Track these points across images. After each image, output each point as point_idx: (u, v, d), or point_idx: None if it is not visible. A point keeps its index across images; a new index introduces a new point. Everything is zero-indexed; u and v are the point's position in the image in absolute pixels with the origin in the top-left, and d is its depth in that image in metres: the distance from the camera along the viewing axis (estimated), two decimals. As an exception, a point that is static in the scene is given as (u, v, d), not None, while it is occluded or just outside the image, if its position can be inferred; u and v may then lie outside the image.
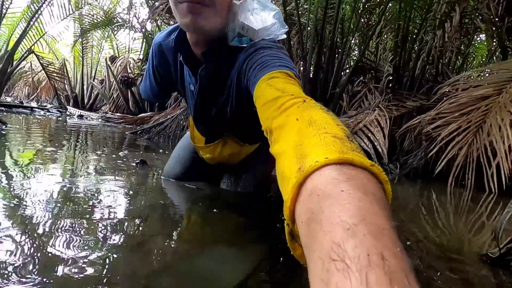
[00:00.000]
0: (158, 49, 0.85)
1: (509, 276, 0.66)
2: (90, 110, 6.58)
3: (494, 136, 1.77)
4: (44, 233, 0.60)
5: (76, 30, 6.41)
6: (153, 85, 0.94)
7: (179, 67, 0.84)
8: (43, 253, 0.53)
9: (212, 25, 0.66)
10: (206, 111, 0.87)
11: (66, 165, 1.26)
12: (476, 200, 1.55)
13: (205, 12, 0.63)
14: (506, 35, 2.65)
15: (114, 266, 0.52)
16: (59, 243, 0.57)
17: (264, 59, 0.62)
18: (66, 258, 0.52)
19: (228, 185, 1.12)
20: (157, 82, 0.92)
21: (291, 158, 0.31)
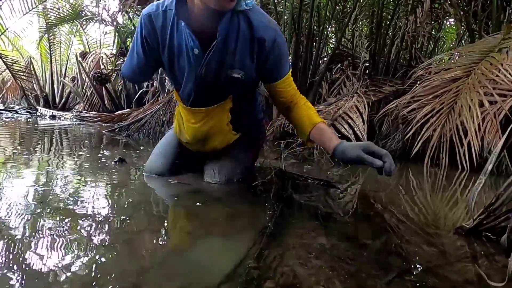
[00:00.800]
0: (147, 19, 0.91)
1: (482, 245, 0.71)
2: (63, 110, 6.28)
3: (465, 116, 1.86)
4: (24, 237, 0.58)
5: (41, 25, 6.03)
6: (140, 57, 0.97)
7: (175, 35, 0.90)
8: (24, 257, 0.50)
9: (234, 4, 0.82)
10: (214, 73, 0.94)
11: (40, 168, 1.21)
12: (451, 177, 1.64)
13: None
14: (473, 19, 2.77)
15: (101, 266, 0.51)
16: (41, 247, 0.55)
17: (283, 58, 0.97)
18: (49, 261, 0.50)
19: (212, 175, 1.10)
20: (145, 53, 0.96)
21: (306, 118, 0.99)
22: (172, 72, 1.00)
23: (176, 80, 1.03)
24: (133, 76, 1.05)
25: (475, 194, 0.70)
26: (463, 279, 0.54)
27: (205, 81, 0.96)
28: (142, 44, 0.95)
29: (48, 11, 5.62)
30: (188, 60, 0.93)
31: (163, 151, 1.21)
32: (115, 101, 5.31)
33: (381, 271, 0.54)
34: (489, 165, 0.72)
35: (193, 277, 0.49)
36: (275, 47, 0.92)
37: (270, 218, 0.76)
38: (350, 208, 0.98)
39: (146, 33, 0.93)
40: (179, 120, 1.15)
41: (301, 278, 0.50)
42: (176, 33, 0.90)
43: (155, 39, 0.93)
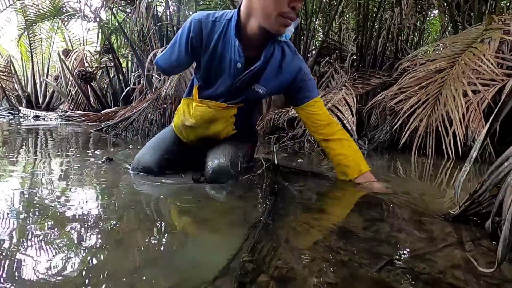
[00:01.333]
0: (198, 23, 1.01)
1: (468, 230, 0.73)
2: (47, 110, 6.11)
3: (449, 106, 1.90)
4: (12, 240, 0.56)
5: (20, 22, 5.81)
6: (181, 54, 1.06)
7: (220, 44, 1.02)
8: (14, 261, 0.49)
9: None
10: (244, 85, 1.07)
11: (26, 171, 1.18)
12: (437, 166, 1.68)
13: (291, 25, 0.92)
14: (456, 10, 2.82)
15: (93, 267, 0.50)
16: (31, 250, 0.54)
17: (311, 84, 1.12)
18: (40, 263, 0.49)
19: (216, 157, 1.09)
20: (186, 50, 1.05)
21: (352, 159, 1.12)
22: (207, 74, 1.09)
23: (207, 80, 1.11)
24: (168, 69, 1.14)
25: (461, 181, 0.72)
26: (451, 264, 0.56)
27: (234, 89, 1.08)
28: (186, 42, 1.03)
29: (27, 8, 5.42)
30: (228, 70, 1.04)
31: (155, 145, 1.21)
32: (101, 99, 5.20)
33: (372, 260, 0.55)
34: (474, 153, 0.74)
35: (188, 274, 0.49)
36: (301, 74, 1.09)
37: (262, 212, 0.77)
38: (340, 199, 1.00)
39: (193, 35, 1.02)
40: (184, 109, 1.19)
41: (294, 270, 0.51)
42: (220, 42, 1.01)
43: (200, 42, 1.03)
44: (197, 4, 3.73)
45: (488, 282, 0.50)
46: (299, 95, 1.12)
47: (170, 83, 2.82)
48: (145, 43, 3.98)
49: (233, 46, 0.99)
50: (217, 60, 1.04)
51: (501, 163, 0.68)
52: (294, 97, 1.14)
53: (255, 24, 0.95)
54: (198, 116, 1.13)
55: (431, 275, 0.51)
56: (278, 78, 1.08)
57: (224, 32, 1.00)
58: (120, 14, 4.48)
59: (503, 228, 0.57)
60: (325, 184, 1.13)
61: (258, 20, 0.93)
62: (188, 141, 1.24)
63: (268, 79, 1.07)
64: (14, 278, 0.46)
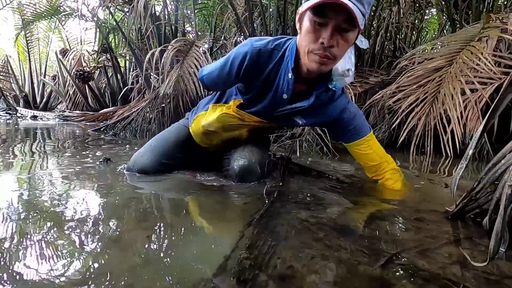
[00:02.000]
0: (256, 53, 0.96)
1: (466, 228, 0.74)
2: (45, 110, 6.08)
3: (447, 104, 1.91)
4: (11, 241, 0.56)
5: (17, 22, 5.78)
6: (230, 77, 1.02)
7: (272, 72, 0.98)
8: (13, 261, 0.49)
9: (328, 70, 0.90)
10: (284, 115, 1.05)
11: (24, 170, 1.17)
12: (436, 164, 1.69)
13: (328, 64, 0.85)
14: (454, 9, 2.82)
15: (91, 266, 0.50)
16: (30, 250, 0.53)
17: (358, 124, 1.07)
18: (39, 265, 0.49)
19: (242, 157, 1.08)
20: (236, 76, 1.00)
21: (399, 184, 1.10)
22: (252, 95, 1.05)
23: (249, 100, 1.07)
24: (213, 88, 1.13)
25: (457, 179, 0.72)
26: (449, 261, 0.56)
27: (273, 116, 1.07)
28: (238, 69, 0.99)
29: (24, 7, 5.38)
30: (272, 98, 1.01)
31: (154, 147, 1.18)
32: (99, 99, 5.18)
33: (371, 258, 0.55)
34: (470, 150, 0.74)
35: (186, 273, 0.49)
36: (346, 114, 1.05)
37: (263, 210, 0.77)
38: (341, 197, 1.00)
39: (248, 64, 0.97)
40: (210, 114, 1.13)
41: (294, 268, 0.51)
42: (272, 71, 0.98)
43: (253, 70, 0.99)
44: (194, 3, 3.72)
45: (487, 279, 0.50)
46: (345, 134, 1.09)
47: (169, 82, 2.81)
48: (143, 43, 3.96)
49: (284, 76, 0.96)
50: (265, 86, 1.01)
51: (498, 160, 0.69)
52: (340, 135, 1.11)
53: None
54: (227, 123, 1.10)
55: (430, 272, 0.51)
56: (320, 115, 1.06)
57: (279, 61, 0.97)
58: (117, 13, 4.46)
59: (495, 223, 0.58)
60: (325, 181, 1.13)
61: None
62: (209, 145, 1.21)
63: (311, 114, 1.05)
64: (12, 278, 0.46)
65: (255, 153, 1.11)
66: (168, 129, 1.29)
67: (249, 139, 1.18)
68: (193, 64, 2.85)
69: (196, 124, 1.18)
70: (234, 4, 3.14)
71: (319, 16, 0.77)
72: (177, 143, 1.21)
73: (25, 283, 0.45)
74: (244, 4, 3.11)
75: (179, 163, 1.20)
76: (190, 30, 4.41)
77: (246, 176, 1.05)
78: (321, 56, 0.82)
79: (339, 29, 0.78)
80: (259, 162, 1.09)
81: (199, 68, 2.83)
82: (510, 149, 0.68)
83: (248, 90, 1.05)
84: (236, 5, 3.28)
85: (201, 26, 4.40)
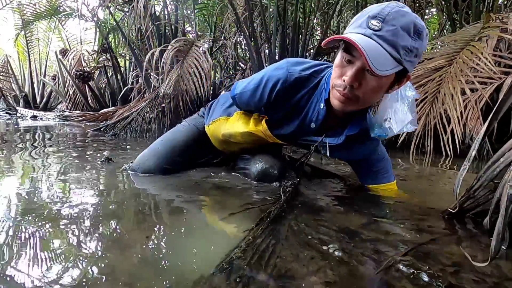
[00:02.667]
0: (293, 81, 0.92)
1: (467, 227, 0.74)
2: (45, 110, 6.08)
3: (447, 104, 1.91)
4: (10, 241, 0.56)
5: (17, 22, 5.77)
6: (261, 101, 0.98)
7: (304, 99, 0.94)
8: (11, 260, 0.49)
9: (352, 110, 0.84)
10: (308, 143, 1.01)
11: (24, 170, 1.17)
12: (436, 164, 1.69)
13: (349, 104, 0.80)
14: (454, 9, 2.82)
15: (90, 266, 0.50)
16: (29, 250, 0.53)
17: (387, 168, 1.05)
18: (38, 265, 0.49)
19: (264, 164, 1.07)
20: (268, 101, 0.96)
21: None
22: (278, 117, 1.01)
23: (274, 121, 1.02)
24: (244, 108, 1.08)
25: (460, 179, 0.72)
26: (450, 262, 0.56)
27: (298, 142, 1.04)
28: (270, 93, 0.95)
29: (24, 7, 5.38)
30: (300, 124, 0.97)
31: (162, 150, 1.15)
32: (99, 99, 5.18)
33: (371, 258, 0.55)
34: (473, 151, 0.74)
35: (186, 273, 0.49)
36: (375, 155, 1.02)
37: (266, 212, 0.76)
38: (343, 198, 1.00)
39: (281, 89, 0.93)
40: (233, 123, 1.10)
41: (293, 269, 0.50)
42: (306, 96, 0.94)
43: (285, 95, 0.95)
44: (194, 3, 3.72)
45: (488, 280, 0.50)
46: (368, 174, 1.05)
47: (169, 82, 2.81)
48: (143, 43, 3.96)
49: (316, 105, 0.92)
50: (295, 110, 0.97)
51: (497, 159, 0.69)
52: (363, 174, 1.07)
53: None
54: (251, 139, 1.08)
55: (431, 273, 0.51)
56: (348, 152, 1.01)
57: (313, 87, 0.92)
58: (117, 13, 4.46)
59: (496, 223, 0.58)
60: (325, 182, 1.13)
61: None
62: (225, 149, 1.20)
63: (337, 149, 0.98)
64: (11, 278, 0.45)
65: (271, 157, 1.11)
66: (177, 131, 1.24)
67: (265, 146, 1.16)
68: (193, 64, 2.85)
69: (215, 128, 1.15)
70: (234, 4, 3.14)
71: (347, 53, 0.73)
72: (186, 148, 1.18)
73: (24, 283, 0.45)
74: (244, 4, 3.10)
75: (185, 167, 1.19)
76: (190, 30, 4.41)
77: (265, 179, 1.06)
78: (341, 94, 0.78)
79: (367, 70, 0.72)
80: (277, 165, 1.09)
81: (199, 68, 2.83)
82: (509, 147, 0.68)
83: (275, 111, 1.00)
84: (236, 5, 3.28)
85: (201, 26, 4.40)
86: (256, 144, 1.13)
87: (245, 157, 1.17)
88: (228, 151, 1.22)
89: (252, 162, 1.12)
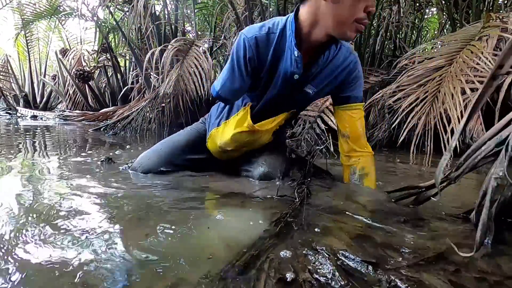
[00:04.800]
0: (254, 41, 0.95)
1: (452, 222, 0.73)
2: (45, 110, 6.08)
3: (448, 104, 1.91)
4: (9, 241, 0.56)
5: (16, 21, 5.77)
6: (244, 80, 0.99)
7: (278, 57, 0.97)
8: (11, 259, 0.49)
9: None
10: (295, 90, 1.03)
11: (23, 171, 1.17)
12: (436, 164, 1.68)
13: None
14: (454, 8, 2.82)
15: (89, 266, 0.50)
16: (29, 250, 0.53)
17: (360, 85, 1.07)
18: (38, 265, 0.49)
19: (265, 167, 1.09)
20: (248, 75, 0.99)
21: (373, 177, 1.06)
22: (261, 87, 1.03)
23: (258, 95, 1.05)
24: (234, 99, 1.07)
25: (441, 169, 0.72)
26: (437, 253, 0.56)
27: (286, 97, 1.05)
28: (245, 66, 0.97)
29: (24, 7, 5.38)
30: (282, 81, 1.00)
31: (164, 150, 1.17)
32: (99, 99, 5.18)
33: (371, 258, 0.55)
34: (453, 142, 0.75)
35: (186, 274, 0.49)
36: (355, 69, 1.05)
37: (275, 218, 0.76)
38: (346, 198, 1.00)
39: (250, 55, 0.95)
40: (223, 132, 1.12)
41: (295, 268, 0.51)
42: (275, 55, 0.96)
43: (258, 60, 0.97)
44: (194, 2, 3.72)
45: (489, 279, 0.50)
46: (347, 93, 1.07)
47: (169, 82, 2.81)
48: (143, 42, 3.96)
49: (289, 56, 0.95)
50: (271, 72, 0.99)
51: (477, 147, 0.69)
52: (341, 95, 1.08)
53: (322, 33, 0.91)
54: (243, 141, 1.09)
55: (428, 271, 0.51)
56: (330, 77, 1.03)
57: (278, 43, 0.96)
58: (117, 13, 4.46)
59: (481, 215, 0.59)
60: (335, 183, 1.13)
61: (327, 29, 0.89)
62: (229, 158, 1.20)
63: (321, 79, 1.03)
64: (9, 279, 0.46)
65: (274, 159, 1.12)
66: (179, 134, 1.27)
67: (267, 145, 1.18)
68: (193, 64, 2.85)
69: (212, 142, 1.17)
70: (234, 4, 3.14)
71: None
72: (187, 149, 1.20)
73: (24, 283, 0.45)
74: (244, 4, 3.10)
75: (186, 168, 1.20)
76: (190, 30, 4.41)
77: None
78: (365, 24, 0.87)
79: None
80: (280, 167, 1.10)
81: (199, 68, 2.83)
82: (490, 135, 0.68)
83: (257, 84, 1.03)
84: (236, 4, 3.28)
85: (201, 25, 4.40)
86: (255, 145, 1.14)
87: (249, 159, 1.16)
88: (230, 158, 1.21)
89: (255, 164, 1.12)
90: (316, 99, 1.14)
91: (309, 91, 1.04)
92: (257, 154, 1.16)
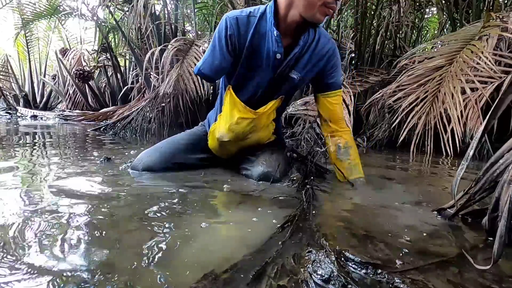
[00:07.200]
0: (234, 21, 1.03)
1: (466, 228, 0.74)
2: (45, 109, 6.07)
3: (448, 103, 1.91)
4: (8, 241, 0.56)
5: (16, 21, 5.76)
6: (225, 57, 1.05)
7: (255, 38, 1.04)
8: (13, 259, 0.49)
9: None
10: (281, 77, 1.10)
11: (22, 170, 1.17)
12: (436, 163, 1.69)
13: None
14: (454, 8, 2.82)
15: (89, 266, 0.50)
16: (28, 249, 0.53)
17: (339, 72, 1.15)
18: (39, 263, 0.49)
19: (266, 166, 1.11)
20: (229, 52, 1.05)
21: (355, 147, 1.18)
22: (243, 72, 1.10)
23: (243, 80, 1.11)
24: (214, 76, 1.10)
25: (458, 179, 0.72)
26: (449, 262, 0.56)
27: (273, 82, 1.10)
28: (226, 44, 1.04)
29: (24, 7, 5.37)
30: (266, 63, 1.07)
31: (166, 148, 1.20)
32: (99, 98, 5.17)
33: (370, 258, 0.55)
34: (471, 150, 0.74)
35: (187, 274, 0.49)
36: (334, 56, 1.12)
37: (291, 216, 0.76)
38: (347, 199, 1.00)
39: (231, 33, 1.03)
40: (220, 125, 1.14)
41: (297, 269, 0.51)
42: (256, 37, 1.04)
43: (238, 39, 1.05)
44: (194, 2, 3.71)
45: (488, 279, 0.50)
46: (328, 80, 1.14)
47: (169, 82, 2.81)
48: (143, 42, 3.96)
49: (270, 38, 1.03)
50: (254, 55, 1.06)
51: (496, 160, 0.69)
52: (322, 83, 1.15)
53: (296, 14, 0.99)
54: (240, 131, 1.11)
55: (431, 272, 0.51)
56: (312, 62, 1.10)
57: (258, 25, 1.03)
58: (117, 13, 4.45)
59: (499, 225, 0.57)
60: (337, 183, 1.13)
61: (299, 10, 0.97)
62: (228, 155, 1.23)
63: (304, 64, 1.10)
64: (8, 279, 0.46)
65: (275, 159, 1.14)
66: (180, 133, 1.32)
67: (267, 145, 1.22)
68: (193, 64, 2.85)
69: (212, 139, 1.20)
70: (234, 4, 3.13)
71: None
72: (188, 148, 1.22)
73: (24, 283, 0.45)
74: (244, 4, 3.10)
75: (187, 167, 1.21)
76: (190, 30, 4.40)
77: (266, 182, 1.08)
78: (333, 9, 0.95)
79: None
80: (279, 167, 1.11)
81: (199, 68, 2.82)
82: (508, 148, 0.67)
83: (240, 66, 1.08)
84: (236, 4, 3.27)
85: (201, 25, 4.40)
86: (253, 139, 1.16)
87: (250, 158, 1.18)
88: (228, 155, 1.24)
89: (255, 163, 1.14)
90: (300, 85, 1.21)
91: (294, 77, 1.11)
92: (258, 153, 1.18)
